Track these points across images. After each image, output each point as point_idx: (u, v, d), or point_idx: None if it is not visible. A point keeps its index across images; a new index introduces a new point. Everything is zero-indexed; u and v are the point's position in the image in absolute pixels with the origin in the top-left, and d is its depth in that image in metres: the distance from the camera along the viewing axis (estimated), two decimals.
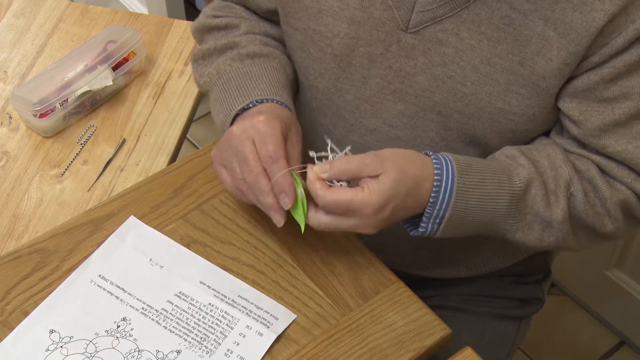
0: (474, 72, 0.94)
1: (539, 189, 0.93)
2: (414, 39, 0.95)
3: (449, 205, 0.90)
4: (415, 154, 0.91)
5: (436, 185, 0.90)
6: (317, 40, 1.00)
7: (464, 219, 0.92)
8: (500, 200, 0.92)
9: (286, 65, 1.05)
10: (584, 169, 0.97)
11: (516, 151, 0.96)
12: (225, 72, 1.02)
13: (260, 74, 1.00)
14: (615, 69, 0.90)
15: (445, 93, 0.96)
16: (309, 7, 0.99)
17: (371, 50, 0.97)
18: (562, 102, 0.95)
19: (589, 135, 0.95)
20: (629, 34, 0.88)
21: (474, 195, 0.91)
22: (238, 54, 1.04)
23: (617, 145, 0.94)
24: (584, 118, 0.94)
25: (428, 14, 0.93)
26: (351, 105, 1.03)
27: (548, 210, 0.94)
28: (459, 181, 0.90)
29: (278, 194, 0.89)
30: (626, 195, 0.96)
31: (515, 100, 0.94)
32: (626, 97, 0.92)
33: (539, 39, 0.90)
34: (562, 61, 0.90)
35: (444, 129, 0.99)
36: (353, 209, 0.87)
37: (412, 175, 0.89)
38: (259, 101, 0.96)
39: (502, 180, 0.92)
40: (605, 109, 0.93)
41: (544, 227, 0.95)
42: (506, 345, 1.20)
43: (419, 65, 0.96)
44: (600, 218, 0.97)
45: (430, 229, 0.92)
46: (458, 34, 0.92)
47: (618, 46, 0.88)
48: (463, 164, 0.91)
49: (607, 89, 0.92)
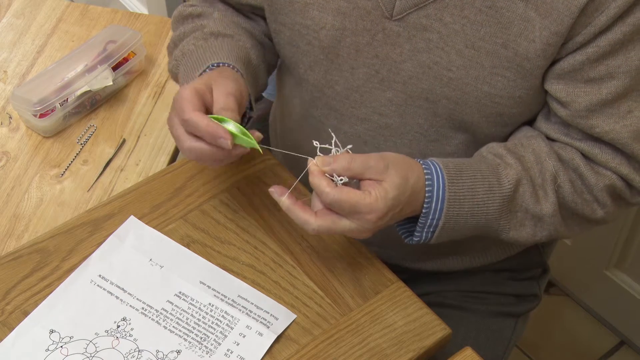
0: (459, 57, 0.94)
1: (527, 186, 0.94)
2: (399, 26, 0.95)
3: (442, 214, 0.91)
4: (413, 162, 0.91)
5: (428, 196, 0.90)
6: (305, 34, 1.01)
7: (457, 225, 0.92)
8: (491, 204, 0.93)
9: (250, 50, 1.06)
10: (568, 157, 0.97)
11: (503, 149, 0.97)
12: (188, 51, 1.03)
13: (220, 46, 1.01)
14: (600, 48, 0.90)
15: (431, 79, 0.97)
16: (295, 2, 1.00)
17: (357, 40, 0.98)
18: (549, 83, 0.96)
19: (577, 116, 0.95)
20: (612, 12, 0.87)
21: (466, 202, 0.91)
22: (202, 33, 1.05)
23: (604, 125, 0.94)
24: (571, 99, 0.94)
25: (411, 1, 0.93)
26: (341, 95, 1.04)
27: (538, 205, 0.95)
28: (450, 189, 0.90)
29: (215, 139, 0.88)
30: (612, 180, 0.97)
31: (501, 83, 0.95)
32: (612, 77, 0.92)
33: (520, 21, 0.90)
34: (545, 42, 0.91)
35: (432, 115, 1.00)
36: (358, 210, 0.86)
37: (412, 183, 0.89)
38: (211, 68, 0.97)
39: (492, 184, 0.93)
40: (591, 89, 0.93)
41: (536, 222, 0.96)
42: (503, 343, 1.20)
43: (404, 52, 0.97)
44: (589, 204, 0.98)
45: (424, 237, 0.93)
46: (441, 19, 0.93)
47: (601, 25, 0.88)
48: (453, 171, 0.92)
49: (592, 69, 0.92)
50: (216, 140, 0.88)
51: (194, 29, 1.07)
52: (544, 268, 1.26)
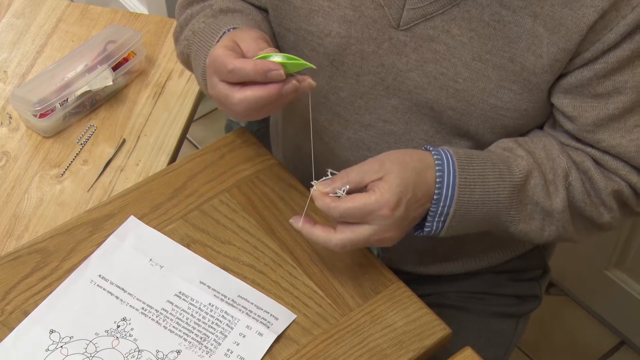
0: (466, 69, 0.94)
1: (539, 179, 0.94)
2: (406, 36, 0.95)
3: (453, 200, 0.90)
4: (411, 149, 0.92)
5: (439, 181, 0.90)
6: (309, 40, 1.00)
7: (468, 214, 0.92)
8: (502, 191, 0.92)
9: (261, 22, 1.05)
10: (579, 160, 0.97)
11: (513, 143, 0.97)
12: (199, 29, 1.01)
13: (231, 19, 1.00)
14: (608, 64, 0.90)
15: (437, 89, 0.96)
16: (300, 8, 0.99)
17: (363, 48, 0.98)
18: (556, 97, 0.96)
19: (583, 131, 0.95)
20: (621, 29, 0.88)
21: (477, 188, 0.91)
22: (211, 10, 1.04)
23: (611, 139, 0.94)
24: (578, 114, 0.94)
25: (419, 12, 0.93)
26: (345, 102, 1.03)
27: (548, 200, 0.95)
28: (461, 175, 0.90)
29: (266, 74, 0.86)
30: (620, 186, 0.97)
31: (507, 96, 0.95)
32: (619, 92, 0.92)
33: (528, 36, 0.90)
34: (553, 57, 0.91)
35: (437, 123, 1.00)
36: (369, 210, 0.86)
37: (413, 166, 0.89)
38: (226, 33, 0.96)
39: (503, 172, 0.92)
40: (598, 104, 0.93)
41: (545, 216, 0.96)
42: (504, 344, 1.20)
43: (410, 62, 0.96)
44: (597, 207, 0.98)
45: (435, 228, 0.92)
46: (449, 30, 0.93)
47: (610, 42, 0.88)
48: (463, 157, 0.92)
49: (600, 84, 0.92)
50: (268, 74, 0.85)
51: (202, 9, 1.06)
52: (545, 269, 1.26)
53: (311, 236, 0.90)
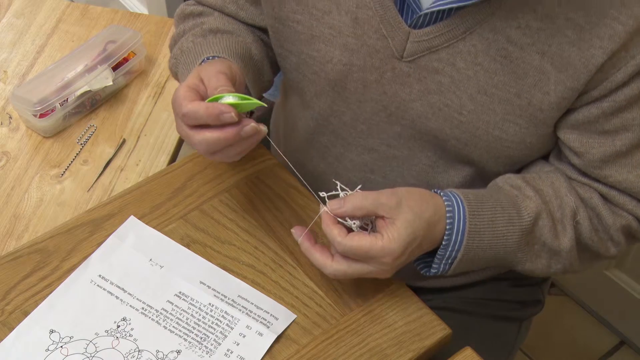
0: (471, 102, 0.93)
1: (547, 220, 0.94)
2: (409, 67, 0.94)
3: (462, 246, 0.90)
4: (428, 194, 0.90)
5: (449, 228, 0.89)
6: (311, 64, 1.00)
7: (475, 257, 0.92)
8: (511, 236, 0.92)
9: (251, 45, 1.04)
10: (587, 196, 0.97)
11: (521, 181, 0.96)
12: (186, 48, 1.01)
13: (217, 42, 0.99)
14: (616, 102, 0.90)
15: (441, 120, 0.95)
16: (301, 33, 0.98)
17: (365, 76, 0.97)
18: (563, 133, 0.95)
19: (590, 166, 0.95)
20: (629, 69, 0.87)
21: (486, 234, 0.91)
22: (201, 30, 1.03)
23: (618, 175, 0.94)
24: (585, 150, 0.94)
25: (423, 44, 0.92)
26: (348, 125, 1.03)
27: (556, 240, 0.94)
28: (471, 222, 0.90)
29: (218, 117, 0.85)
30: (628, 221, 0.97)
31: (512, 129, 0.94)
32: (626, 129, 0.92)
33: (536, 73, 0.89)
34: (560, 95, 0.90)
35: (441, 150, 0.99)
36: (372, 255, 0.86)
37: (427, 217, 0.88)
38: (205, 62, 0.95)
39: (512, 216, 0.92)
40: (606, 140, 0.93)
41: (552, 255, 0.96)
42: (506, 347, 1.19)
43: (414, 92, 0.95)
44: (604, 243, 0.98)
45: (442, 269, 0.93)
46: (454, 64, 0.92)
47: (618, 81, 0.88)
48: (474, 202, 0.91)
49: (607, 121, 0.92)
50: (220, 117, 0.84)
51: (193, 26, 1.06)
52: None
53: (308, 254, 0.90)
